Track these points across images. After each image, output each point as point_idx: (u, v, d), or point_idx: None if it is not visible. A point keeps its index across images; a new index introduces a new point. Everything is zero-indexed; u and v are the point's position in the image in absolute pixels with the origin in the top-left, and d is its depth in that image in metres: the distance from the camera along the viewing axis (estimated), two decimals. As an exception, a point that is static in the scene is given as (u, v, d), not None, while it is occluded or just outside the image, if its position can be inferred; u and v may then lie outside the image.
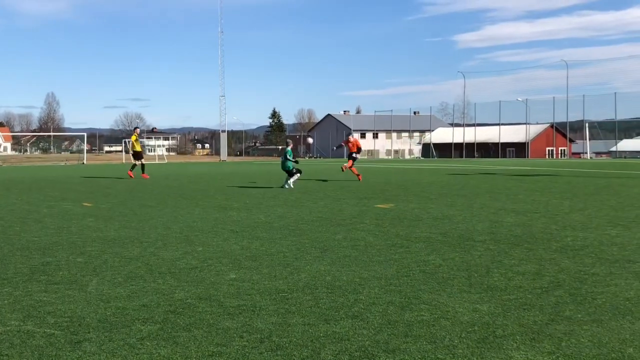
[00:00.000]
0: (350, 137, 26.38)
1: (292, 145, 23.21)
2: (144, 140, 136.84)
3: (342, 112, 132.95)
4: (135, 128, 31.91)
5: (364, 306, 5.78)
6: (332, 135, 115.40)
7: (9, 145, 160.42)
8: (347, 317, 5.42)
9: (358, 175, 25.34)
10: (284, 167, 22.20)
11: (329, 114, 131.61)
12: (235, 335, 4.94)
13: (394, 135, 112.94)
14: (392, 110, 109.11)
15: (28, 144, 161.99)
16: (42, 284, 6.80)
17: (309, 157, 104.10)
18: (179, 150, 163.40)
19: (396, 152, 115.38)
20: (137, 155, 29.99)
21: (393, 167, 45.05)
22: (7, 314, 5.59)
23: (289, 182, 21.74)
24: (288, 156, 22.15)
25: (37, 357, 4.47)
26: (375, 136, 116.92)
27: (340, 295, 6.21)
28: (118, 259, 8.20)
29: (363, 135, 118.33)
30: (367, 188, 21.37)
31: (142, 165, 29.89)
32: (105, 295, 6.26)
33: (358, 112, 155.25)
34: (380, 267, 7.56)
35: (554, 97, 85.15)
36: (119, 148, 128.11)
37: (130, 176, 29.43)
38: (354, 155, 25.48)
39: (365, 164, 53.61)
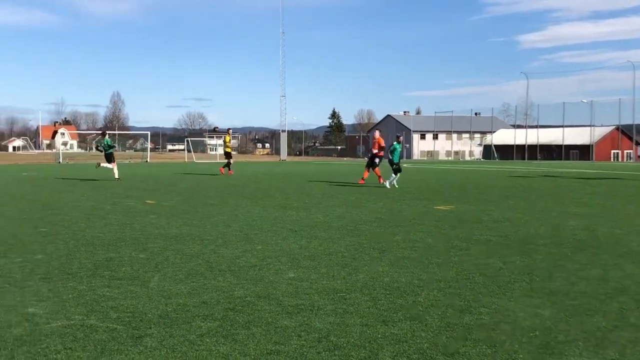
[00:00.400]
0: (376, 133, 24.73)
1: (402, 139, 23.02)
2: (206, 139, 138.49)
3: (402, 113, 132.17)
4: (229, 129, 33.59)
5: (422, 308, 5.74)
6: (391, 136, 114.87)
7: (75, 142, 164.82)
8: (406, 319, 5.38)
9: (379, 176, 23.68)
10: (391, 161, 22.16)
11: (388, 115, 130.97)
12: (293, 334, 4.96)
13: (454, 136, 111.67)
14: (452, 111, 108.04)
15: (93, 142, 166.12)
16: (106, 279, 6.95)
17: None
18: (240, 149, 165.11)
19: (456, 153, 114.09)
20: (228, 155, 31.97)
21: (453, 169, 44.59)
22: (71, 308, 5.74)
23: (392, 179, 21.89)
24: (394, 151, 22.15)
25: (99, 351, 4.57)
26: (435, 137, 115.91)
27: (398, 296, 6.17)
28: (179, 256, 8.33)
29: (423, 136, 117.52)
30: (427, 189, 21.20)
31: (228, 164, 31.75)
32: (167, 292, 6.36)
33: (418, 112, 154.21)
34: (439, 270, 7.48)
35: (619, 99, 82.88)
36: (181, 147, 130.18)
37: (230, 174, 31.16)
38: (376, 160, 23.62)
39: (425, 165, 53.19)
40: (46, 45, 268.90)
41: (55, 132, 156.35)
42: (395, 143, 22.66)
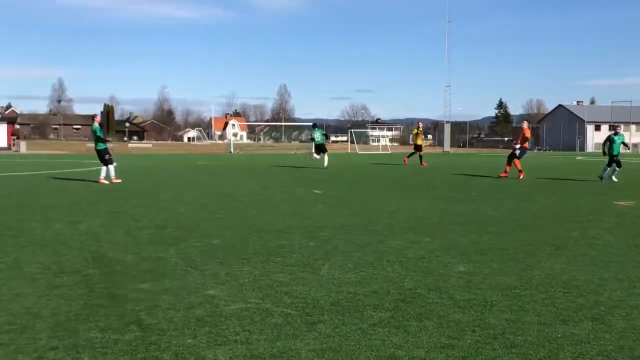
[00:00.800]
0: (524, 123, 23.38)
1: (620, 129, 22.08)
2: (369, 130, 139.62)
3: (575, 103, 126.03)
4: (419, 122, 35.51)
5: (605, 309, 5.40)
6: (563, 127, 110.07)
7: (244, 134, 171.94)
8: (587, 319, 5.08)
9: (520, 171, 22.19)
10: (610, 153, 21.25)
11: (560, 105, 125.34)
12: (467, 329, 4.83)
13: (633, 127, 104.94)
14: (631, 101, 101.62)
15: (261, 133, 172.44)
16: (278, 265, 7.15)
17: (538, 149, 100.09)
18: (402, 140, 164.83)
19: (635, 145, 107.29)
20: (418, 148, 32.63)
21: (632, 162, 41.92)
22: (247, 292, 5.94)
23: (607, 172, 21.18)
24: (612, 144, 21.31)
25: (275, 335, 4.69)
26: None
27: (578, 295, 5.85)
28: (347, 245, 8.40)
29: (598, 128, 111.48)
30: (605, 184, 20.08)
31: (420, 156, 32.44)
32: (337, 280, 6.43)
33: (592, 102, 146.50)
34: (622, 268, 7.02)
35: None
36: (344, 138, 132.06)
37: (405, 161, 32.70)
38: (516, 152, 22.27)
39: (601, 158, 50.35)
40: (219, 40, 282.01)
41: (226, 124, 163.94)
42: (612, 135, 21.54)
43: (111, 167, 18.88)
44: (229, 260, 7.40)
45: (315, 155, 28.97)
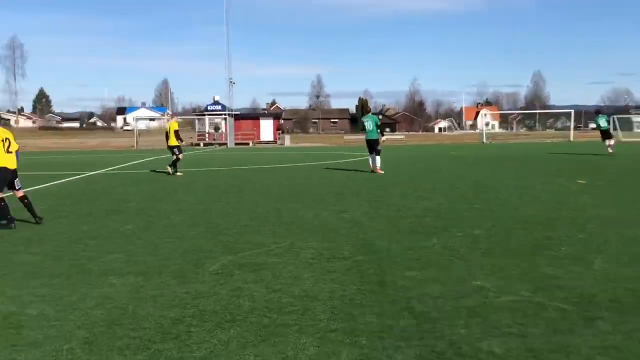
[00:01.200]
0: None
1: None
2: (632, 116, 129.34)
3: None
4: None
5: None
6: None
7: (497, 123, 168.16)
8: None
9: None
10: None
11: None
12: None
13: None
14: None
15: (514, 121, 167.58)
16: (546, 258, 6.90)
17: None
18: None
19: None
20: None
21: None
22: (516, 284, 5.82)
23: None
24: None
25: (551, 329, 4.54)
26: None
27: None
28: (620, 239, 7.88)
29: None
30: None
31: None
32: (612, 275, 6.06)
33: None
34: None
35: None
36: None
37: None
38: None
39: None
40: (469, 29, 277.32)
41: (477, 113, 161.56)
42: None
43: (378, 157, 19.67)
44: (494, 251, 7.31)
45: (609, 142, 28.57)
